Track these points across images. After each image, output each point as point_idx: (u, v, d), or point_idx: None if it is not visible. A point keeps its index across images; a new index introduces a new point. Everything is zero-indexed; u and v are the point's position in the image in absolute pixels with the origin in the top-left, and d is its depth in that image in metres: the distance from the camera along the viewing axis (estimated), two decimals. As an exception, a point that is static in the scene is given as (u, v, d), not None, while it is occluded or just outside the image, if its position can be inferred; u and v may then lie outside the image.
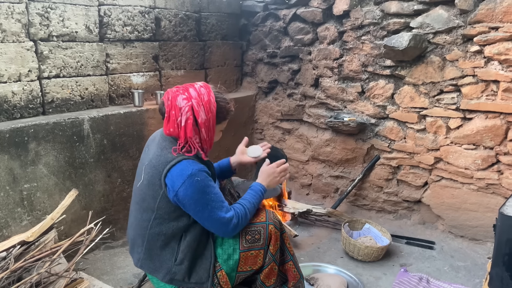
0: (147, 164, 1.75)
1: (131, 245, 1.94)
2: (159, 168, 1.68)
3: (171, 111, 1.71)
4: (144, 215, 1.78)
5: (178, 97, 1.71)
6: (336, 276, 2.48)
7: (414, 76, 3.02)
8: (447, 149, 2.97)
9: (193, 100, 1.70)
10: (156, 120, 3.09)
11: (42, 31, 2.57)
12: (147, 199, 1.75)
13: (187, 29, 3.53)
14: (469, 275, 2.59)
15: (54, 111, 2.71)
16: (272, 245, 1.90)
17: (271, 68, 3.97)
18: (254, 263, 1.89)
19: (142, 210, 1.78)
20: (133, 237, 1.89)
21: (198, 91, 1.74)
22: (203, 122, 1.71)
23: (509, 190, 2.74)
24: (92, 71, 2.89)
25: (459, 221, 3.02)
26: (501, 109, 2.68)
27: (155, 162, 1.71)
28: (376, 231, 2.92)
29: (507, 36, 2.56)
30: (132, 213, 1.91)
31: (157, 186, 1.70)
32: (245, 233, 1.85)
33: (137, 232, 1.84)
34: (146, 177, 1.74)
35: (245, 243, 1.85)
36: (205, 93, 1.75)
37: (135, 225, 1.87)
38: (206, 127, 1.72)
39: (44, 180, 2.50)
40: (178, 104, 1.69)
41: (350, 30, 3.31)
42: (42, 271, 1.95)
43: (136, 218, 1.83)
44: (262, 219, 1.90)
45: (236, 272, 1.86)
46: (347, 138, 3.48)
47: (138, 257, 1.86)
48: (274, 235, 1.90)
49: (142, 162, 1.86)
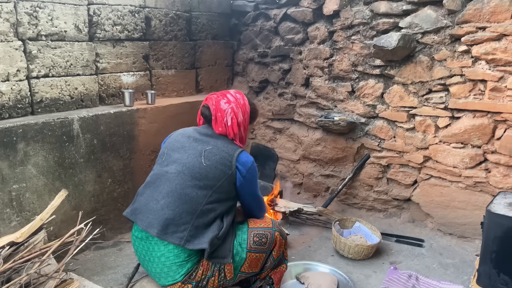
0: (210, 148, 1.96)
1: (163, 226, 1.85)
2: (231, 152, 1.96)
3: (217, 113, 2.00)
4: (200, 192, 1.90)
5: (220, 101, 2.02)
6: (327, 274, 2.49)
7: (403, 76, 3.05)
8: (436, 147, 3.00)
9: (232, 104, 2.02)
10: (147, 120, 3.08)
11: (30, 30, 2.55)
12: (208, 177, 1.91)
13: (177, 29, 3.53)
14: (458, 272, 2.62)
15: (43, 111, 2.69)
16: (275, 250, 2.07)
17: (262, 68, 3.97)
18: (255, 266, 2.01)
19: (197, 189, 1.90)
20: (173, 216, 1.86)
21: (235, 96, 2.06)
22: (242, 121, 2.04)
23: (496, 188, 2.77)
24: (81, 70, 2.87)
25: (448, 219, 3.05)
26: (489, 108, 2.72)
27: (224, 148, 1.97)
28: (366, 229, 2.95)
29: (494, 36, 2.59)
30: (173, 193, 1.90)
31: (226, 167, 1.93)
32: (253, 235, 2.00)
33: (184, 209, 1.87)
34: (213, 158, 1.94)
35: (252, 244, 1.98)
36: (241, 97, 2.07)
37: (181, 203, 1.87)
38: (244, 126, 2.06)
39: (33, 180, 2.48)
40: (222, 107, 2.01)
41: (340, 30, 3.33)
42: (31, 272, 1.93)
43: (186, 195, 1.89)
44: (269, 225, 2.07)
45: (239, 271, 1.97)
46: (337, 137, 3.50)
47: (181, 236, 1.83)
48: (279, 241, 2.07)
49: (191, 147, 1.98)
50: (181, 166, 1.94)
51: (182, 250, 1.84)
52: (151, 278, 2.03)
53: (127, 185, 3.03)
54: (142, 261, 1.99)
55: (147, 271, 2.00)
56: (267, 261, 2.06)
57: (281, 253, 2.12)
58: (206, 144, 1.98)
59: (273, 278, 2.13)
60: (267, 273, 2.10)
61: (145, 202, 1.96)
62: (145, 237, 1.91)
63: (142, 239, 1.93)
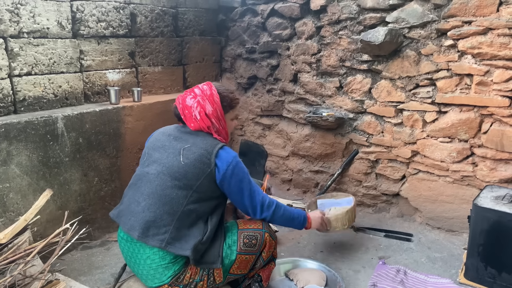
0: (188, 146, 1.90)
1: (144, 229, 1.82)
2: (209, 149, 1.89)
3: (184, 111, 1.96)
4: (180, 192, 1.85)
5: (186, 98, 1.98)
6: (316, 270, 2.49)
7: (390, 71, 3.05)
8: (424, 142, 3.01)
9: (198, 97, 1.96)
10: (133, 118, 3.05)
11: (12, 27, 2.50)
12: (187, 176, 1.85)
13: (164, 25, 3.49)
14: (446, 266, 2.63)
15: (26, 109, 2.64)
16: (265, 252, 2.05)
17: (250, 64, 3.95)
18: (245, 267, 1.99)
19: (177, 189, 1.85)
20: (154, 218, 1.82)
21: (201, 89, 2.00)
22: (212, 112, 1.96)
23: (483, 181, 2.79)
24: (65, 68, 2.82)
25: (436, 213, 3.07)
26: (475, 102, 2.73)
27: (202, 144, 1.90)
28: (329, 200, 2.75)
29: (480, 30, 2.60)
30: (154, 194, 1.86)
31: (205, 165, 1.87)
32: (243, 237, 1.97)
33: (165, 210, 1.83)
34: (191, 156, 1.87)
35: (242, 246, 1.95)
36: (207, 88, 2.00)
37: (161, 204, 1.83)
38: (215, 117, 1.97)
39: (17, 180, 2.44)
40: (188, 103, 1.96)
41: (328, 25, 3.32)
42: (15, 274, 1.90)
43: (166, 197, 1.84)
44: (260, 226, 2.04)
45: (228, 273, 1.94)
46: (326, 133, 3.50)
47: (162, 238, 1.80)
48: (268, 243, 2.05)
49: (170, 147, 1.93)
50: (161, 167, 1.90)
51: (167, 252, 1.81)
52: (138, 278, 2.00)
53: (114, 184, 2.99)
54: (129, 262, 1.96)
55: (134, 272, 1.97)
56: (257, 262, 2.04)
57: (270, 254, 2.10)
58: (185, 142, 1.93)
59: (262, 275, 2.12)
60: (255, 271, 2.09)
61: (127, 204, 1.94)
62: (130, 238, 1.89)
63: (127, 241, 1.90)
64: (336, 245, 2.91)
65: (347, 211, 2.49)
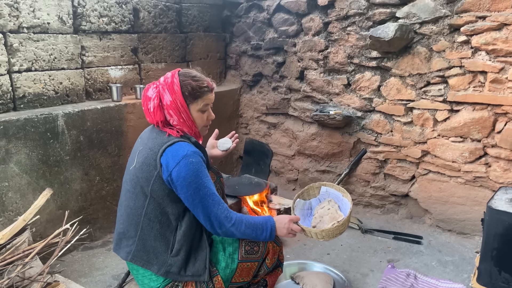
0: (142, 148, 1.74)
1: (117, 240, 1.80)
2: (155, 149, 1.68)
3: (144, 103, 1.75)
4: (137, 201, 1.71)
5: (149, 89, 1.75)
6: (322, 274, 2.41)
7: (400, 68, 2.96)
8: (434, 142, 2.91)
9: (159, 87, 1.72)
10: (136, 115, 2.98)
11: (11, 22, 2.44)
12: (140, 182, 1.69)
13: (167, 21, 3.42)
14: (457, 270, 2.54)
15: (26, 106, 2.58)
16: (269, 258, 1.91)
17: (255, 61, 3.87)
18: (247, 275, 1.87)
19: (134, 197, 1.72)
20: (123, 230, 1.78)
21: (165, 77, 1.75)
22: (170, 103, 1.70)
23: (496, 183, 2.70)
24: (66, 64, 2.76)
25: (447, 215, 2.98)
26: (489, 101, 2.64)
27: (151, 144, 1.71)
28: (334, 192, 2.31)
29: (495, 25, 2.50)
30: (122, 204, 1.81)
31: (151, 167, 1.66)
32: (245, 244, 1.84)
33: (129, 221, 1.75)
34: (140, 160, 1.72)
35: (244, 254, 1.83)
36: (170, 76, 1.74)
37: (126, 215, 1.77)
38: (174, 108, 1.70)
39: (16, 179, 2.38)
40: (148, 94, 1.73)
41: (335, 21, 3.23)
42: (13, 276, 1.85)
43: (128, 207, 1.75)
44: None
45: (230, 282, 1.83)
46: (333, 131, 3.41)
47: (128, 250, 1.74)
48: (272, 249, 1.90)
49: (135, 150, 1.81)
50: (126, 174, 1.81)
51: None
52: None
53: (116, 183, 2.93)
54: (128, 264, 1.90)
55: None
56: (260, 269, 1.91)
57: (275, 260, 1.95)
58: (144, 143, 1.75)
59: (268, 281, 2.03)
60: (260, 277, 2.00)
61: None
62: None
63: None
64: (344, 247, 2.83)
65: (338, 227, 1.88)
